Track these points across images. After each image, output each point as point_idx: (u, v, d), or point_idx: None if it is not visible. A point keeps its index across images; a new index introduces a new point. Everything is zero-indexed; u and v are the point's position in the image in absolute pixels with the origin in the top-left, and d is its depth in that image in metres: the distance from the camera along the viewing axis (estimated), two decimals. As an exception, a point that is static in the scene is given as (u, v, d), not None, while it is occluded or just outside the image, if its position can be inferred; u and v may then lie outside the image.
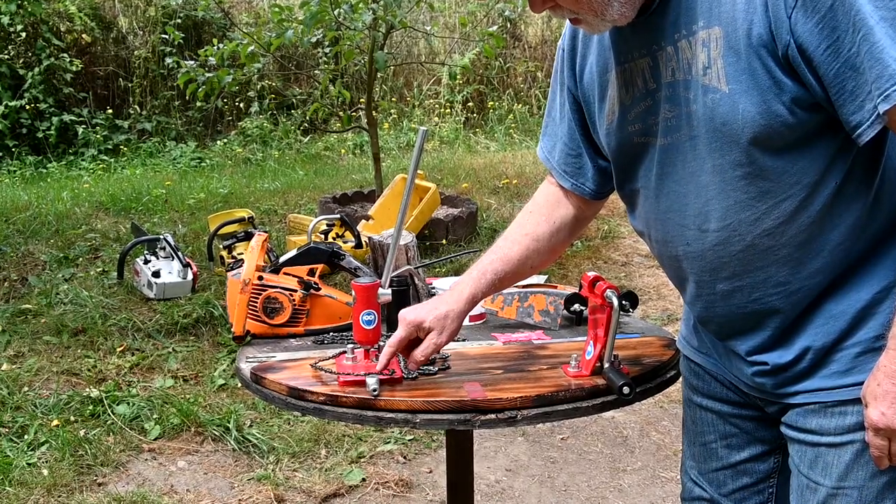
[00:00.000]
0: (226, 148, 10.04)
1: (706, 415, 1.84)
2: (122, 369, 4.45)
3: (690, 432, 1.90)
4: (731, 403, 1.79)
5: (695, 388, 1.86)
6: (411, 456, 3.88)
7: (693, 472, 1.91)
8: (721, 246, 1.54)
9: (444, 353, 1.97)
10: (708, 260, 1.57)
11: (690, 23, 1.46)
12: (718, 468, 1.85)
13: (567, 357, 1.88)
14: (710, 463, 1.86)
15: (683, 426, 1.95)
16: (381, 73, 9.56)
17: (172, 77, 9.76)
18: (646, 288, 5.76)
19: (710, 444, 1.85)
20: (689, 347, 1.87)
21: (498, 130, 10.33)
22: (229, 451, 3.86)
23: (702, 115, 1.47)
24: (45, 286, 5.38)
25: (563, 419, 1.81)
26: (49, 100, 9.88)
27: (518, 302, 2.27)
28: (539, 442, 4.03)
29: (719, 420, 1.82)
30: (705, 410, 1.84)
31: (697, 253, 1.58)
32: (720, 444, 1.84)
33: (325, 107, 7.83)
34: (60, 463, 3.63)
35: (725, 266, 1.55)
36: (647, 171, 1.62)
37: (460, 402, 1.70)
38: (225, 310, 4.81)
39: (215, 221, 5.73)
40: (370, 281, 1.85)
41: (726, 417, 1.81)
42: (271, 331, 2.19)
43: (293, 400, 1.79)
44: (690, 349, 1.86)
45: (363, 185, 7.43)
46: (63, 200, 7.39)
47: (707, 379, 1.82)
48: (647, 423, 4.18)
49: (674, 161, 1.56)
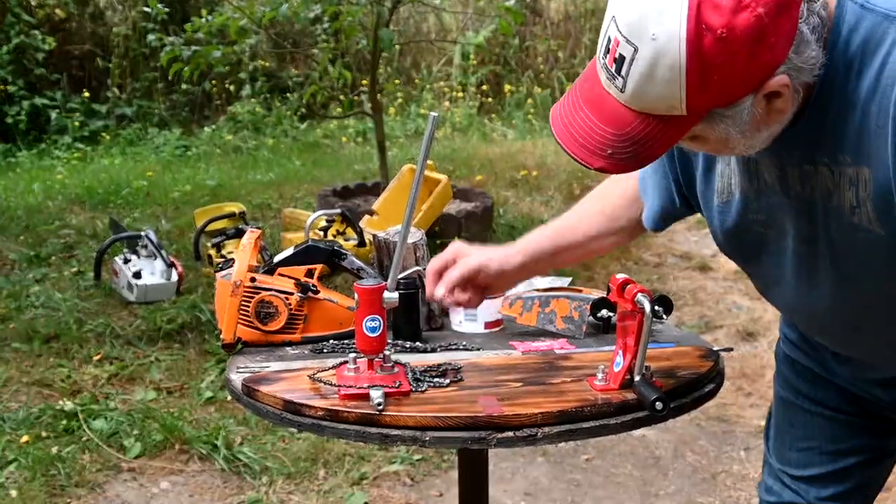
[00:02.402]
0: (214, 135, 10.07)
1: (814, 419, 2.00)
2: (99, 380, 4.46)
3: (788, 436, 2.06)
4: (841, 410, 1.95)
5: (799, 390, 2.02)
6: (419, 478, 3.89)
7: (786, 478, 2.06)
8: (875, 326, 1.70)
9: (456, 364, 1.98)
10: (859, 330, 1.72)
11: (836, 151, 1.48)
12: (820, 473, 2.00)
13: (593, 368, 1.88)
14: (812, 468, 2.01)
15: (774, 430, 2.10)
16: (386, 53, 9.57)
17: (155, 57, 9.77)
18: (681, 292, 5.75)
19: (815, 448, 2.00)
20: (796, 349, 2.01)
21: (516, 116, 10.34)
22: (217, 471, 3.87)
23: (852, 249, 1.55)
24: (14, 288, 5.40)
25: (589, 437, 1.81)
26: (19, 82, 9.92)
27: (539, 307, 2.27)
28: (561, 463, 4.03)
29: (828, 424, 1.98)
30: (814, 415, 2.00)
31: (849, 327, 1.73)
32: (826, 449, 1.99)
33: (325, 90, 7.85)
34: (31, 483, 3.64)
35: (876, 328, 1.70)
36: (779, 264, 1.71)
37: (474, 419, 1.70)
38: (213, 315, 4.82)
39: (202, 217, 5.75)
40: (374, 283, 1.85)
41: (836, 422, 1.97)
42: (265, 338, 2.19)
43: (289, 415, 1.80)
44: (797, 351, 2.00)
45: (366, 176, 7.44)
46: (34, 193, 7.43)
47: (817, 382, 1.98)
48: (681, 443, 4.18)
49: (816, 270, 1.64)
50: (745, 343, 5.11)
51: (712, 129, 1.42)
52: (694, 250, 6.32)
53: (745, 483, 3.81)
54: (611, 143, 1.42)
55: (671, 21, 1.29)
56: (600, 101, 1.43)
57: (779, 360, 2.12)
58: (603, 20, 1.43)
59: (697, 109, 1.37)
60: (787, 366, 2.06)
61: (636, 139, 1.41)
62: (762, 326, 5.17)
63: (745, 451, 4.08)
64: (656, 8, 1.30)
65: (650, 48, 1.31)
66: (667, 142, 1.42)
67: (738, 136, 1.43)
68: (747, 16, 1.28)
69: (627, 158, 1.43)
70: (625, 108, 1.40)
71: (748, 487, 3.76)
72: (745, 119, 1.40)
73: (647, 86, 1.35)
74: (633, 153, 1.42)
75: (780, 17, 1.30)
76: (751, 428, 4.23)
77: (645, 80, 1.34)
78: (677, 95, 1.34)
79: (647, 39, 1.31)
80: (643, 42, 1.32)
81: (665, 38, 1.30)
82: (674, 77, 1.32)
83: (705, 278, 5.98)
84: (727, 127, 1.41)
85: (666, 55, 1.31)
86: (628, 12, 1.33)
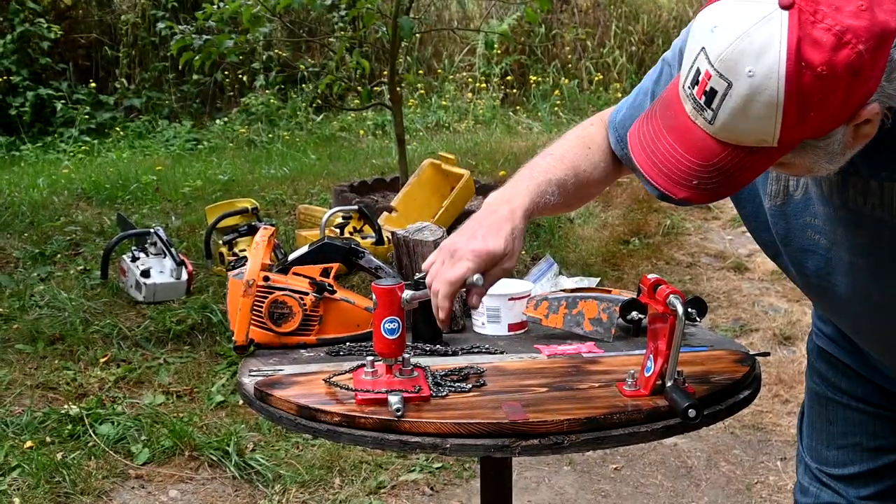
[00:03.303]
0: (226, 128, 10.10)
1: (854, 414, 2.03)
2: (105, 383, 4.48)
3: (826, 433, 2.08)
4: (883, 407, 1.99)
5: (837, 386, 2.04)
6: (439, 487, 3.89)
7: (824, 477, 2.09)
8: None
9: (479, 368, 1.98)
10: None
11: None
12: (861, 471, 2.03)
13: (622, 373, 1.88)
14: (852, 466, 2.04)
15: (808, 428, 2.13)
16: (406, 42, 9.57)
17: (165, 46, 9.82)
18: (714, 293, 5.73)
19: (856, 445, 2.03)
20: (832, 343, 2.04)
21: (542, 108, 10.33)
22: (228, 478, 3.88)
23: None
24: (18, 287, 5.43)
25: (618, 446, 1.81)
26: (23, 72, 9.98)
27: (565, 309, 2.27)
28: (589, 472, 4.03)
29: (869, 419, 2.01)
30: (854, 410, 2.03)
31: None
32: (869, 445, 2.02)
33: (341, 80, 7.86)
34: (34, 490, 3.67)
35: None
36: (832, 273, 1.72)
37: (498, 425, 1.70)
38: (225, 315, 4.84)
39: (214, 213, 5.76)
40: (393, 283, 1.85)
41: (879, 418, 2.00)
42: (278, 340, 2.20)
43: (303, 420, 1.80)
44: (834, 346, 2.03)
45: (385, 171, 7.45)
46: (39, 188, 7.47)
47: (856, 379, 2.01)
48: (715, 452, 4.17)
49: (881, 282, 1.68)
50: (782, 347, 5.10)
51: (801, 158, 1.45)
52: (729, 250, 6.30)
53: (782, 494, 3.79)
54: (697, 174, 1.45)
55: (770, 58, 1.31)
56: (685, 131, 1.45)
57: (812, 355, 2.13)
58: (689, 49, 1.43)
59: (789, 142, 1.39)
60: (822, 361, 2.08)
61: (723, 169, 1.43)
62: (800, 330, 5.15)
63: (782, 461, 4.06)
64: (754, 43, 1.32)
65: (746, 84, 1.33)
66: (754, 172, 1.45)
67: (825, 163, 1.46)
68: (848, 52, 1.30)
69: (713, 188, 1.46)
70: (712, 139, 1.42)
71: (785, 499, 3.75)
72: (836, 149, 1.43)
73: (740, 120, 1.37)
74: (719, 183, 1.45)
75: (878, 51, 1.32)
76: (788, 437, 4.21)
77: (738, 115, 1.36)
78: (770, 131, 1.36)
79: (744, 76, 1.33)
80: (738, 78, 1.33)
81: (763, 75, 1.31)
82: (770, 113, 1.34)
83: (740, 279, 5.95)
84: (816, 156, 1.44)
85: (763, 92, 1.32)
86: (722, 46, 1.34)
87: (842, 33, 1.29)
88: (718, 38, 1.34)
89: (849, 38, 1.29)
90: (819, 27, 1.29)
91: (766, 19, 1.31)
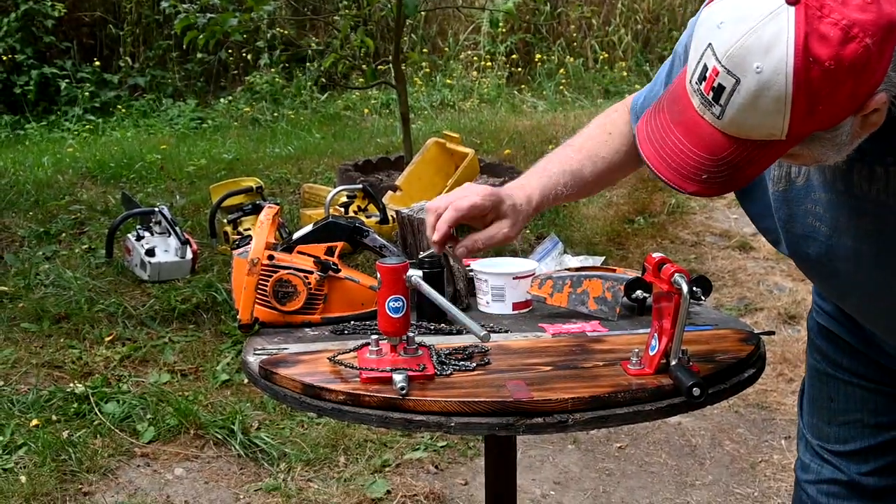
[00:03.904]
0: (231, 107, 10.09)
1: (856, 391, 2.04)
2: (111, 362, 4.49)
3: (827, 410, 2.09)
4: (884, 383, 2.00)
5: (838, 363, 2.05)
6: (444, 465, 3.90)
7: (825, 453, 2.10)
8: None
9: (483, 346, 1.98)
10: None
11: None
12: (862, 447, 2.05)
13: (627, 352, 1.88)
14: (853, 442, 2.06)
15: (809, 405, 2.15)
16: (410, 20, 9.55)
17: (169, 24, 9.81)
18: (719, 272, 5.73)
19: (857, 421, 2.04)
20: (833, 321, 2.06)
21: (547, 87, 10.30)
22: (234, 457, 3.89)
23: None
24: (23, 265, 5.44)
25: (622, 424, 1.81)
26: (27, 50, 9.96)
27: (570, 287, 2.27)
28: (593, 451, 4.03)
29: (870, 396, 2.02)
30: (855, 387, 2.04)
31: None
32: (869, 421, 2.03)
33: (346, 59, 7.84)
34: (40, 469, 3.68)
35: None
36: (833, 259, 1.73)
37: (502, 404, 1.70)
38: (229, 294, 4.84)
39: (218, 192, 5.76)
40: (398, 261, 1.85)
41: (880, 394, 2.01)
42: (283, 318, 2.20)
43: (308, 399, 1.80)
44: (835, 323, 2.05)
45: (389, 150, 7.44)
46: (43, 167, 7.47)
47: (857, 356, 2.02)
48: (719, 431, 4.17)
49: (885, 268, 1.68)
50: (786, 326, 5.10)
51: (809, 150, 1.46)
52: (734, 229, 6.29)
53: (786, 473, 3.80)
54: (706, 169, 1.46)
55: (777, 53, 1.31)
56: (693, 126, 1.46)
57: (812, 332, 2.14)
58: (695, 45, 1.44)
59: (798, 135, 1.39)
60: (823, 338, 2.09)
61: (732, 163, 1.44)
62: (804, 309, 5.14)
63: (786, 439, 4.07)
64: (762, 39, 1.32)
65: (754, 80, 1.34)
66: (763, 165, 1.46)
67: (833, 153, 1.47)
68: (855, 46, 1.30)
69: (722, 182, 1.47)
70: (721, 133, 1.43)
71: (789, 478, 3.75)
72: (844, 139, 1.43)
73: (749, 116, 1.38)
74: (728, 177, 1.46)
75: (885, 43, 1.32)
76: (792, 415, 4.21)
77: (746, 110, 1.37)
78: (779, 125, 1.37)
79: (751, 72, 1.33)
80: (746, 74, 1.34)
81: (771, 71, 1.32)
82: (778, 108, 1.35)
83: (745, 258, 5.95)
84: (825, 147, 1.45)
85: (771, 88, 1.33)
86: (729, 42, 1.35)
87: (849, 27, 1.29)
88: (725, 34, 1.35)
89: (856, 31, 1.30)
90: (826, 22, 1.30)
91: (773, 15, 1.31)
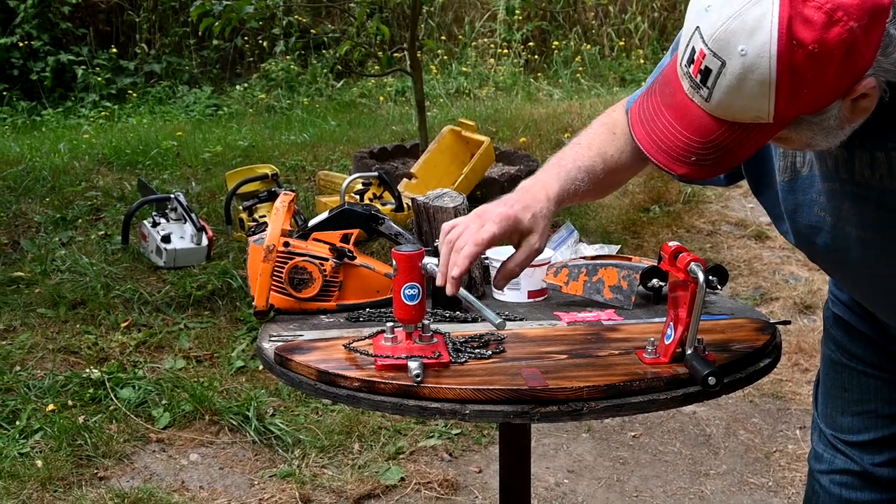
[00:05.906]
0: (246, 94, 10.10)
1: (870, 381, 2.04)
2: (126, 347, 4.51)
3: (841, 400, 2.10)
4: (894, 372, 2.01)
5: (853, 353, 2.06)
6: (458, 453, 3.90)
7: (839, 444, 2.11)
8: None
9: (498, 334, 1.98)
10: None
11: None
12: (876, 438, 2.05)
13: (642, 341, 1.88)
14: (867, 432, 2.06)
15: (823, 395, 2.15)
16: (426, 7, 9.53)
17: (185, 11, 9.82)
18: (735, 261, 5.71)
19: (871, 412, 2.05)
20: (848, 311, 2.05)
21: (563, 75, 10.27)
22: (248, 443, 3.90)
23: None
24: (40, 251, 5.46)
25: (637, 413, 1.81)
26: (44, 37, 9.99)
27: (585, 276, 2.27)
28: (607, 439, 4.03)
29: (885, 386, 2.03)
30: (869, 377, 2.04)
31: None
32: (883, 411, 2.04)
33: (362, 46, 7.83)
34: (56, 453, 3.70)
35: None
36: (840, 249, 1.73)
37: (517, 392, 1.70)
38: (245, 281, 4.85)
39: (234, 179, 5.77)
40: (413, 249, 1.85)
41: (893, 384, 2.02)
42: (298, 305, 2.20)
43: (323, 385, 1.81)
44: (850, 313, 2.05)
45: (405, 137, 7.44)
46: (60, 153, 7.49)
47: (872, 347, 2.02)
48: (734, 420, 4.16)
49: (891, 255, 1.68)
50: (802, 316, 5.08)
51: (797, 133, 1.46)
52: (749, 218, 6.27)
53: (801, 463, 3.79)
54: (695, 151, 1.47)
55: (761, 36, 1.32)
56: (683, 109, 1.47)
57: (828, 322, 2.14)
58: (685, 29, 1.45)
59: (785, 118, 1.40)
60: (838, 328, 2.09)
61: (721, 146, 1.45)
62: (820, 299, 5.13)
63: (801, 429, 4.06)
64: (746, 23, 1.33)
65: (738, 63, 1.35)
66: (751, 147, 1.46)
67: (822, 137, 1.47)
68: (839, 30, 1.31)
69: (711, 164, 1.48)
70: (709, 116, 1.44)
71: (803, 468, 3.74)
72: (832, 123, 1.44)
73: (735, 98, 1.39)
74: (717, 159, 1.47)
75: (871, 26, 1.32)
76: (807, 406, 4.20)
77: (732, 92, 1.38)
78: (765, 108, 1.38)
79: (736, 54, 1.34)
80: (731, 57, 1.35)
81: (755, 54, 1.33)
82: (763, 91, 1.36)
83: (761, 248, 5.93)
84: (812, 132, 1.45)
85: (755, 70, 1.34)
86: (715, 25, 1.36)
87: (832, 11, 1.30)
88: (712, 17, 1.36)
89: (840, 15, 1.30)
90: (810, 5, 1.30)
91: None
